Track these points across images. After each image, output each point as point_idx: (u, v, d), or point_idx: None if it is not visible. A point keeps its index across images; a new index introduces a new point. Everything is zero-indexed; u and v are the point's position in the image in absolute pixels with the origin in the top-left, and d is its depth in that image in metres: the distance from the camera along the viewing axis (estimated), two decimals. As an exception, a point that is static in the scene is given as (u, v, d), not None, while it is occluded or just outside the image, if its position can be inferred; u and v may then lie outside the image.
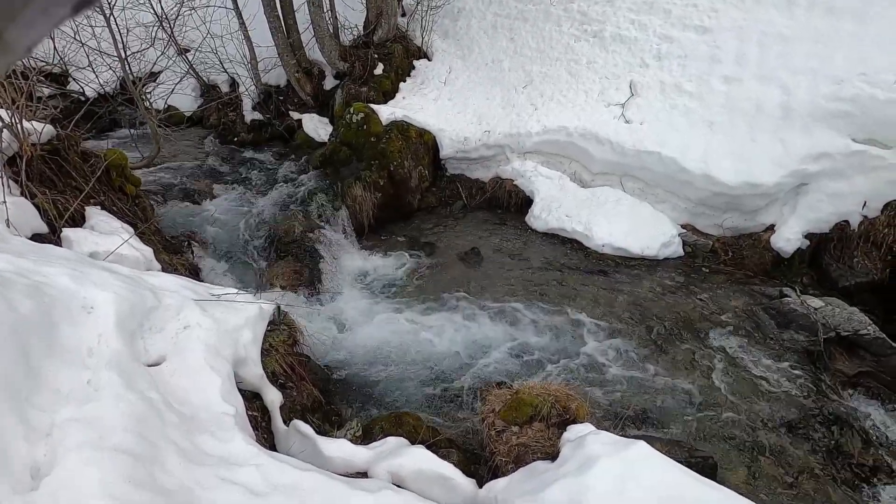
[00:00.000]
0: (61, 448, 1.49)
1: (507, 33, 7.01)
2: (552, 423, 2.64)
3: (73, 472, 1.38)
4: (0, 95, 3.59)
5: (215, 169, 5.85)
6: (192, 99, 7.30)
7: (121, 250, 3.42)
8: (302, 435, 2.56)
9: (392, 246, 5.39)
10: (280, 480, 1.74)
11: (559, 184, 5.73)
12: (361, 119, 5.76)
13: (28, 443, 1.48)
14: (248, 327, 2.86)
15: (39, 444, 1.50)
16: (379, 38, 6.77)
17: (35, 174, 3.75)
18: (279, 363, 3.03)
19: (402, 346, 3.96)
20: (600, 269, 4.89)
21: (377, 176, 5.60)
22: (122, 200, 4.30)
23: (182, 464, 1.63)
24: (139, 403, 1.82)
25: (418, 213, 6.00)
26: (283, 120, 6.87)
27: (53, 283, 2.25)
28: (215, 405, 2.21)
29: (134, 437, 1.60)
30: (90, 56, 5.53)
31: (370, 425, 2.95)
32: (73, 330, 2.07)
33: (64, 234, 3.44)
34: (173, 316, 2.57)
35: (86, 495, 1.30)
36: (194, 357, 2.40)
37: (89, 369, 1.92)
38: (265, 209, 5.09)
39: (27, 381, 1.70)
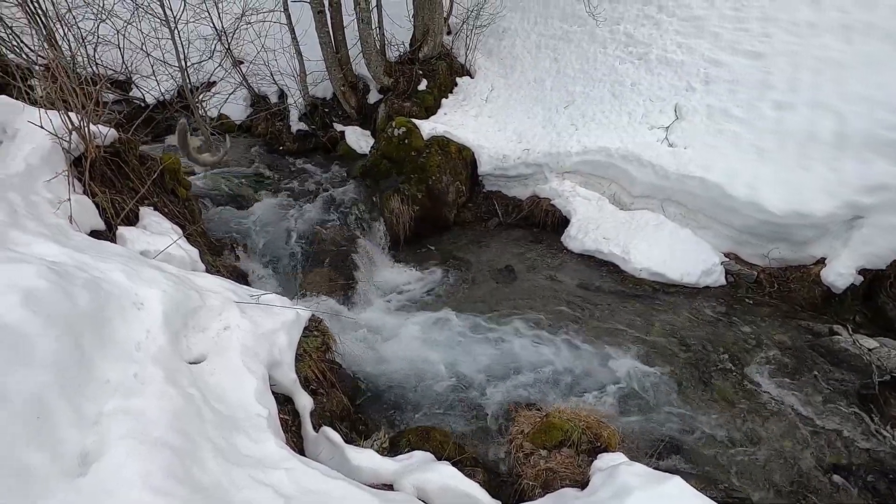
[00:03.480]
0: (108, 437, 1.56)
1: (551, 53, 7.04)
2: (582, 450, 2.57)
3: (118, 461, 1.43)
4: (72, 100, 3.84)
5: (261, 176, 6.06)
6: (242, 108, 7.63)
7: (170, 250, 3.58)
8: (331, 442, 2.58)
9: (426, 259, 5.43)
10: (309, 486, 1.76)
11: (597, 205, 5.66)
12: (403, 133, 5.87)
13: (78, 430, 1.56)
14: (284, 332, 2.93)
15: (88, 432, 1.57)
16: (424, 55, 6.92)
17: (97, 174, 3.98)
18: (311, 369, 3.08)
19: (432, 360, 3.96)
20: (637, 294, 4.77)
21: (415, 189, 5.68)
22: (173, 202, 4.50)
23: (218, 462, 1.67)
24: (180, 399, 1.89)
25: (454, 227, 6.04)
26: (327, 131, 7.07)
27: (109, 278, 2.37)
28: (250, 406, 2.26)
29: (175, 432, 1.66)
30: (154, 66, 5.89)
31: (397, 437, 2.95)
32: (123, 324, 2.17)
33: (119, 231, 3.62)
34: (215, 316, 2.66)
35: (129, 485, 1.35)
36: (233, 358, 2.47)
37: (136, 363, 2.00)
38: (305, 217, 5.23)
39: (80, 371, 1.78)
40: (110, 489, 1.32)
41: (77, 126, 3.76)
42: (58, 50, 4.56)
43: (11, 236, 2.45)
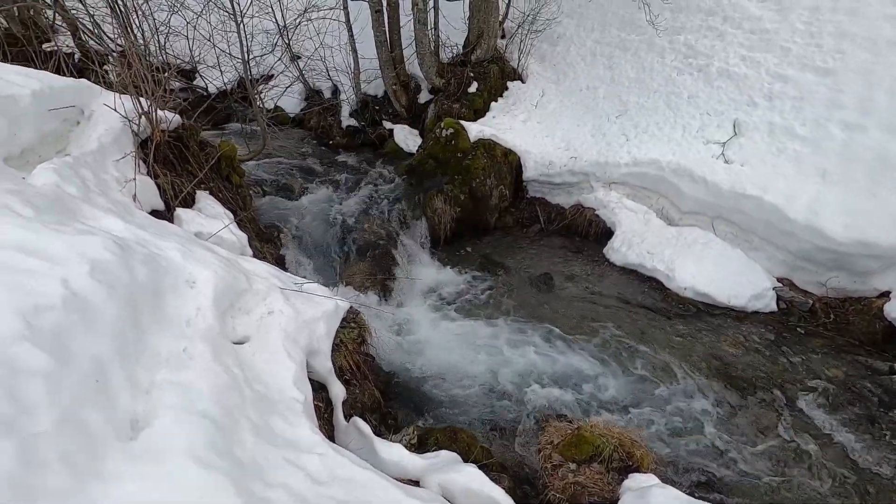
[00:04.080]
0: (157, 406, 1.64)
1: (606, 61, 6.92)
2: (613, 467, 2.51)
3: (165, 430, 1.51)
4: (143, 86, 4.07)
5: (310, 168, 6.23)
6: (297, 102, 7.87)
7: (221, 233, 3.73)
8: (360, 433, 2.63)
9: (465, 261, 5.44)
10: (340, 473, 1.80)
11: (644, 218, 5.51)
12: (451, 134, 5.90)
13: (131, 396, 1.65)
14: (324, 321, 2.99)
15: (140, 399, 1.66)
16: (477, 58, 6.93)
17: (160, 157, 4.19)
18: (347, 359, 3.14)
19: (464, 362, 3.96)
20: (680, 314, 4.61)
21: (459, 191, 5.69)
22: (227, 188, 4.69)
23: (255, 440, 1.73)
24: (224, 377, 1.97)
25: (494, 231, 6.02)
26: (376, 128, 7.20)
27: (166, 255, 2.49)
28: (287, 390, 2.32)
29: (218, 407, 1.73)
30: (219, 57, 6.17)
31: (425, 435, 2.97)
32: (176, 300, 2.28)
33: (177, 213, 3.81)
34: (260, 300, 2.75)
35: (174, 453, 1.42)
36: (274, 342, 2.55)
37: (186, 339, 2.10)
38: (350, 210, 5.33)
39: (135, 341, 1.89)
40: (158, 455, 1.39)
41: (146, 110, 3.98)
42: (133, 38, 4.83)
43: (82, 210, 2.61)
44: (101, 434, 1.40)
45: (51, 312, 1.57)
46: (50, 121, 3.57)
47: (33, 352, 1.41)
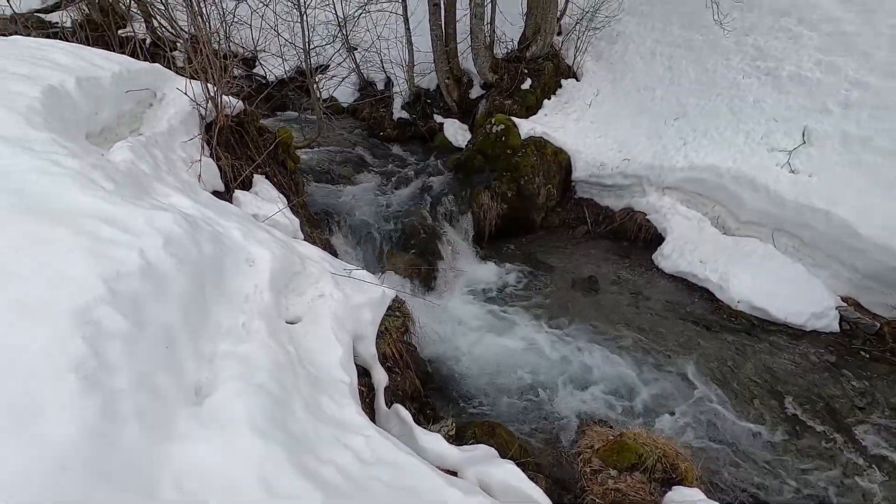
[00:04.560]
0: (219, 376, 1.72)
1: (666, 61, 6.68)
2: (655, 478, 2.45)
3: (227, 398, 1.58)
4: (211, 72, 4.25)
5: (361, 158, 6.35)
6: (351, 92, 8.02)
7: (276, 217, 3.86)
8: (401, 420, 2.67)
9: (509, 258, 5.41)
10: (384, 456, 1.84)
11: (698, 226, 5.31)
12: (501, 130, 5.87)
13: (196, 364, 1.73)
14: (370, 308, 3.05)
15: (204, 368, 1.75)
16: (532, 54, 6.85)
17: (222, 140, 4.37)
18: (390, 347, 3.19)
19: (503, 358, 3.95)
20: (731, 327, 4.43)
21: (506, 187, 5.66)
22: (282, 174, 4.84)
23: (307, 416, 1.79)
24: (279, 352, 2.04)
25: (539, 230, 5.95)
26: (427, 122, 7.24)
27: (228, 234, 2.61)
28: (335, 372, 2.38)
29: (274, 380, 1.80)
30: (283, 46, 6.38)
31: (463, 428, 2.98)
32: (236, 277, 2.38)
33: (235, 194, 3.96)
34: (312, 283, 2.84)
35: (235, 421, 1.48)
36: (324, 324, 2.62)
37: (245, 314, 2.19)
38: (397, 201, 5.40)
39: (200, 313, 1.98)
40: (221, 422, 1.46)
41: (212, 95, 4.16)
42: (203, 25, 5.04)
43: (154, 187, 2.76)
44: (171, 397, 1.48)
45: (129, 280, 1.68)
46: (127, 102, 3.78)
47: (114, 316, 1.51)
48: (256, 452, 1.39)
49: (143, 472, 1.18)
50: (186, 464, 1.28)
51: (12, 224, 1.69)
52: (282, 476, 1.35)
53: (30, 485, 0.98)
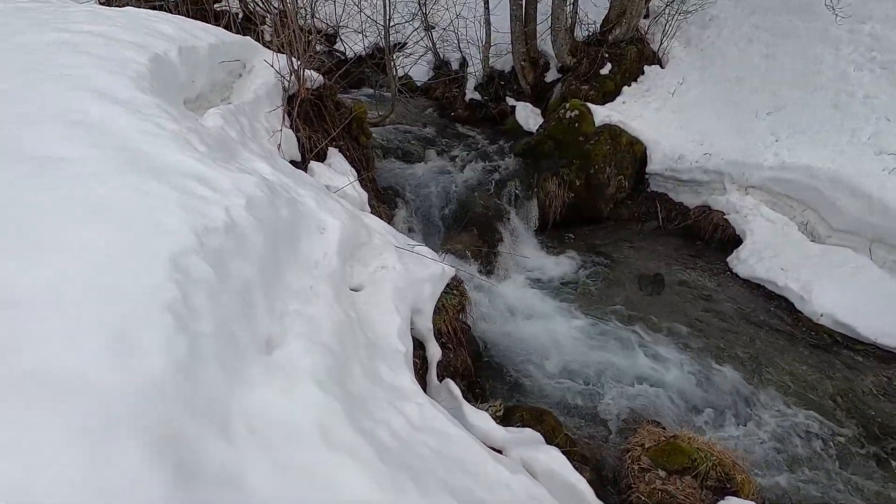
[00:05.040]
0: (288, 331, 1.85)
1: (763, 49, 6.16)
2: (707, 485, 2.36)
3: (294, 352, 1.70)
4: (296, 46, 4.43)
5: (430, 137, 6.41)
6: (425, 71, 8.07)
7: (346, 189, 4.00)
8: (451, 394, 2.73)
9: (571, 248, 5.30)
10: (434, 424, 1.90)
11: (782, 230, 4.93)
12: (574, 116, 5.70)
13: (268, 319, 1.87)
14: (430, 283, 3.12)
15: (275, 322, 1.88)
16: (614, 38, 6.55)
17: (302, 113, 4.57)
18: (446, 324, 3.26)
19: (557, 347, 3.91)
20: (810, 342, 4.11)
21: (575, 176, 5.52)
22: (354, 148, 5.00)
23: (364, 378, 1.89)
24: (343, 316, 2.15)
25: (606, 222, 5.77)
26: (499, 104, 7.16)
27: (302, 201, 2.75)
28: (392, 341, 2.47)
29: (336, 341, 1.90)
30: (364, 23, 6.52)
31: (511, 410, 3.01)
32: (308, 243, 2.52)
33: (311, 165, 4.15)
34: (376, 255, 2.94)
35: (299, 373, 1.60)
36: (385, 294, 2.71)
37: (313, 278, 2.32)
38: (463, 182, 5.42)
39: (273, 272, 2.12)
40: (286, 372, 1.58)
41: (296, 69, 4.34)
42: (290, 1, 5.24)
43: (240, 152, 2.95)
44: (245, 346, 1.61)
45: (215, 235, 1.82)
46: (219, 72, 4.04)
47: (201, 266, 1.66)
48: (317, 403, 1.49)
49: (219, 407, 1.30)
50: (254, 405, 1.40)
51: (121, 177, 1.88)
52: (338, 428, 1.45)
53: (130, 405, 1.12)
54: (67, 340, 1.20)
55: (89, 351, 1.20)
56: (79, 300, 1.32)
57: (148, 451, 1.04)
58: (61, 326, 1.24)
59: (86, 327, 1.25)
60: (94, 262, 1.46)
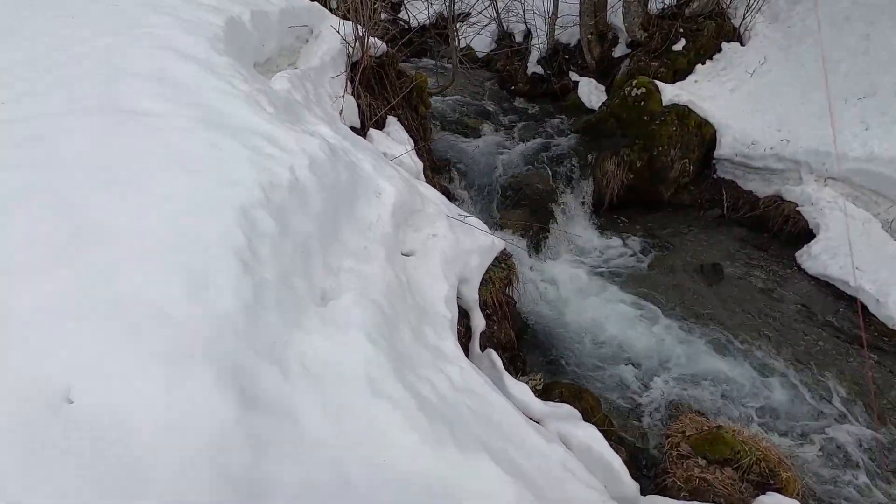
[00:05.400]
0: (341, 287, 1.94)
1: (863, 28, 5.59)
2: (749, 479, 2.30)
3: (347, 306, 1.79)
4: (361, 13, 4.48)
5: (488, 110, 6.34)
6: (488, 42, 7.92)
7: (403, 157, 4.06)
8: (492, 364, 2.78)
9: (625, 231, 5.15)
10: (475, 388, 1.96)
11: (862, 227, 4.56)
12: (641, 94, 5.46)
13: (324, 273, 1.97)
14: (478, 254, 3.15)
15: (330, 277, 1.98)
16: (691, 11, 6.15)
17: (364, 80, 4.64)
18: (491, 296, 3.29)
19: (602, 329, 3.87)
20: (882, 347, 3.84)
21: (636, 156, 5.32)
22: (412, 117, 5.04)
23: (411, 338, 1.96)
24: (393, 278, 2.23)
25: (665, 207, 5.54)
26: (561, 79, 6.95)
27: (361, 166, 2.83)
28: (439, 307, 2.54)
29: (386, 300, 1.98)
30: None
31: (550, 385, 3.03)
32: (364, 206, 2.60)
33: (370, 132, 4.23)
34: (429, 223, 2.99)
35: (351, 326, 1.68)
36: (434, 262, 2.77)
37: (367, 239, 2.40)
38: (517, 157, 5.35)
39: (331, 230, 2.22)
40: (339, 324, 1.67)
41: (360, 36, 4.39)
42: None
43: (304, 115, 3.06)
44: (302, 296, 1.71)
45: (280, 191, 1.93)
46: (288, 37, 4.15)
47: (267, 219, 1.76)
48: (366, 354, 1.57)
49: (278, 347, 1.41)
50: (309, 350, 1.49)
51: (199, 132, 2.01)
52: (384, 379, 1.53)
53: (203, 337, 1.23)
54: (150, 275, 1.33)
55: (169, 286, 1.32)
56: (160, 240, 1.45)
57: (218, 378, 1.15)
58: (145, 263, 1.37)
59: (166, 265, 1.38)
60: (173, 207, 1.58)
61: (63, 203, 1.51)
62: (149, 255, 1.39)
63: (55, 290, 1.21)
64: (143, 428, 0.98)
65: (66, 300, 1.19)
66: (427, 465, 1.32)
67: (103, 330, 1.16)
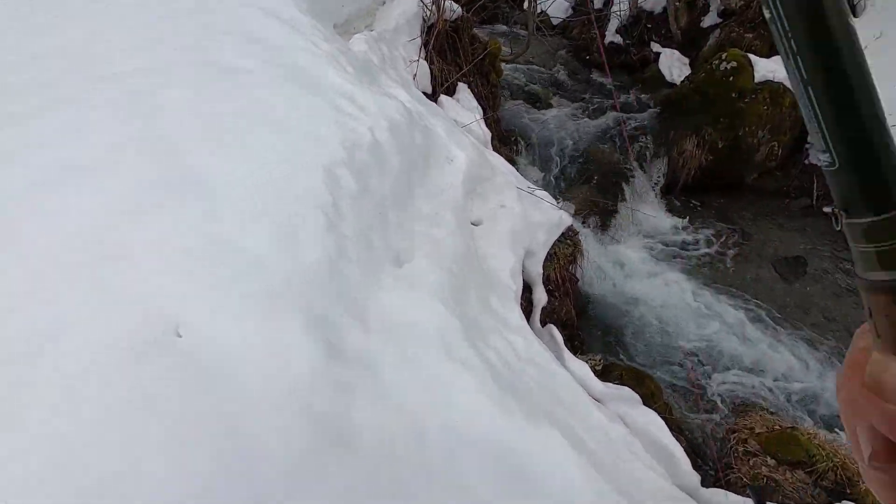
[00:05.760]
0: (415, 249, 1.97)
1: None
2: (822, 485, 2.18)
3: (420, 268, 1.82)
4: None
5: (560, 81, 6.10)
6: (564, 8, 7.55)
7: (472, 126, 4.01)
8: (553, 339, 2.75)
9: (700, 215, 4.87)
10: (538, 360, 1.95)
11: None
12: (731, 69, 5.04)
13: (399, 235, 2.00)
14: (545, 228, 3.09)
15: (404, 239, 2.00)
16: (799, -23, 5.56)
17: (437, 45, 4.57)
18: (555, 272, 3.24)
19: (667, 315, 3.73)
20: None
21: (718, 136, 4.96)
22: (483, 85, 4.93)
23: (478, 304, 1.97)
24: (462, 245, 2.23)
25: (746, 192, 5.18)
26: (641, 49, 6.54)
27: (434, 131, 2.81)
28: (504, 278, 2.53)
29: (456, 266, 1.99)
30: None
31: (610, 367, 2.98)
32: (436, 171, 2.60)
33: (440, 98, 4.18)
34: (497, 192, 2.95)
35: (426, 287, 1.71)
36: (501, 232, 2.75)
37: (439, 205, 2.40)
38: (588, 131, 5.15)
39: (406, 193, 2.24)
40: (414, 285, 1.70)
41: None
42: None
43: (380, 77, 3.06)
44: (380, 254, 1.75)
45: (361, 151, 1.95)
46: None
47: (349, 177, 1.79)
48: (440, 316, 1.59)
49: (358, 302, 1.45)
50: (387, 307, 1.53)
51: (285, 89, 2.06)
52: (457, 342, 1.54)
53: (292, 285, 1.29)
54: (245, 224, 1.40)
55: (261, 235, 1.38)
56: (253, 192, 1.52)
57: (307, 326, 1.20)
58: (240, 212, 1.44)
59: (259, 215, 1.44)
60: (264, 161, 1.64)
61: (166, 152, 1.60)
62: (243, 206, 1.46)
63: (163, 232, 1.30)
64: (244, 366, 1.05)
65: (173, 242, 1.28)
66: (495, 431, 1.34)
67: (206, 272, 1.23)
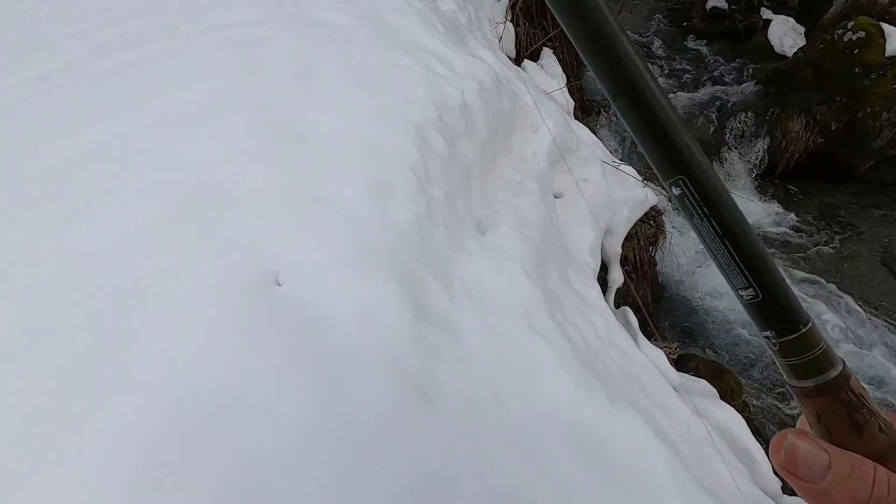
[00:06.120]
0: (497, 218, 1.92)
1: None
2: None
3: (503, 238, 1.77)
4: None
5: (653, 50, 5.68)
6: (663, -30, 6.96)
7: (555, 93, 3.83)
8: (627, 323, 2.64)
9: (799, 204, 4.45)
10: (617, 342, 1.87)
11: None
12: (857, 40, 4.46)
13: (481, 202, 1.96)
14: (629, 207, 2.93)
15: (486, 206, 1.96)
16: (956, -68, 4.75)
17: (524, 7, 4.37)
18: (634, 252, 3.08)
19: (752, 310, 3.46)
20: None
21: (833, 117, 4.45)
22: (568, 50, 4.69)
23: (558, 279, 1.91)
24: (546, 216, 2.15)
25: (857, 181, 4.65)
26: (748, 16, 5.93)
27: (521, 97, 2.70)
28: (582, 254, 2.43)
29: (539, 237, 1.93)
30: None
31: (686, 357, 2.83)
32: (521, 138, 2.51)
33: (524, 63, 4.03)
34: (581, 165, 2.82)
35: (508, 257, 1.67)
36: (583, 207, 2.63)
37: (522, 174, 2.33)
38: (682, 106, 4.78)
39: (490, 159, 2.18)
40: (497, 254, 1.66)
41: (528, -45, 4.08)
42: None
43: (467, 39, 2.97)
44: (464, 219, 1.72)
45: (451, 112, 1.90)
46: (455, -46, 3.97)
47: (438, 138, 1.76)
48: (522, 287, 1.55)
49: (443, 266, 1.43)
50: (470, 273, 1.51)
51: (377, 46, 2.04)
52: (539, 315, 1.50)
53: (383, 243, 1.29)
54: (341, 180, 1.41)
55: (355, 191, 1.39)
56: (347, 148, 1.52)
57: (397, 284, 1.20)
58: (336, 168, 1.45)
59: (353, 172, 1.44)
60: (358, 118, 1.64)
61: (265, 105, 1.64)
62: (338, 161, 1.47)
63: (264, 182, 1.34)
64: (338, 320, 1.06)
65: (273, 193, 1.31)
66: (577, 409, 1.30)
67: (304, 223, 1.25)
